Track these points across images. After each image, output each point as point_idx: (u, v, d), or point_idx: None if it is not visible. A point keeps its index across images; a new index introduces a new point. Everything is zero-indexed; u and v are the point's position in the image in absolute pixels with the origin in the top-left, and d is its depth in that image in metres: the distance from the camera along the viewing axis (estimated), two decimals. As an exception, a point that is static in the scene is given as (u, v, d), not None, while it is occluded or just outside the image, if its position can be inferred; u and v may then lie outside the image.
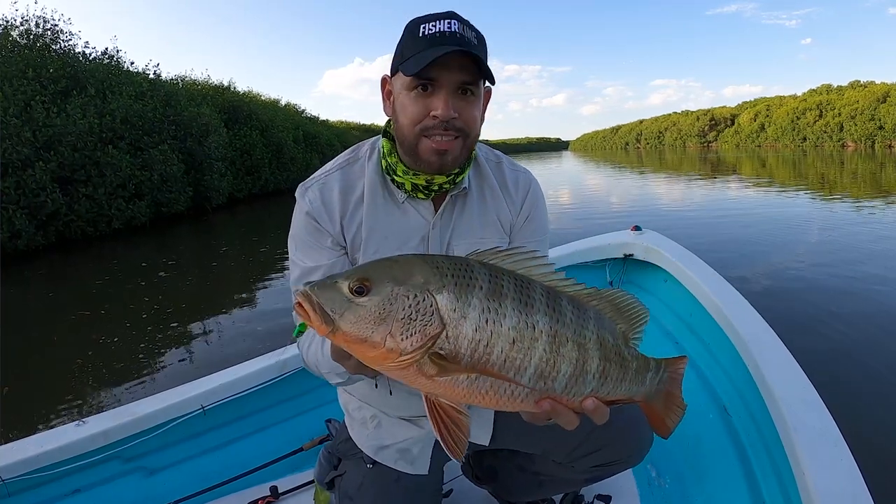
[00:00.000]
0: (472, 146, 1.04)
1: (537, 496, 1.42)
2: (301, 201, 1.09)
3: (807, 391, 1.28)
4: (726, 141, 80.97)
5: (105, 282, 7.53)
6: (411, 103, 0.97)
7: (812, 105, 59.08)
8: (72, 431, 1.53)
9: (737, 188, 15.63)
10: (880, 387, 2.94)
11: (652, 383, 0.84)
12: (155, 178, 12.73)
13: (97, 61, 13.89)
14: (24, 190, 9.47)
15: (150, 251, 10.18)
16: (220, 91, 21.13)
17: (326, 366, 0.98)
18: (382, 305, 0.64)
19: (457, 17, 0.95)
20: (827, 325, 3.86)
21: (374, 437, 1.20)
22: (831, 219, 8.80)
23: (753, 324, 1.62)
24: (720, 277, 2.01)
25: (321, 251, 1.08)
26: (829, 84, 66.22)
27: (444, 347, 0.65)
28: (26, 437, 1.52)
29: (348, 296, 0.65)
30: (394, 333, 0.63)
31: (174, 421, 1.66)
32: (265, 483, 1.73)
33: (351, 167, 1.12)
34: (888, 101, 46.60)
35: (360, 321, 0.64)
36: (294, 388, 1.89)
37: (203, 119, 15.73)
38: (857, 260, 5.74)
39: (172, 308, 5.82)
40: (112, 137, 11.98)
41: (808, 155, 36.81)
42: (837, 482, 1.02)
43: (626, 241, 2.53)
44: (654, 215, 10.47)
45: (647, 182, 20.24)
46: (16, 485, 1.43)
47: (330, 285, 0.66)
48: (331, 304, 0.65)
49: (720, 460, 1.57)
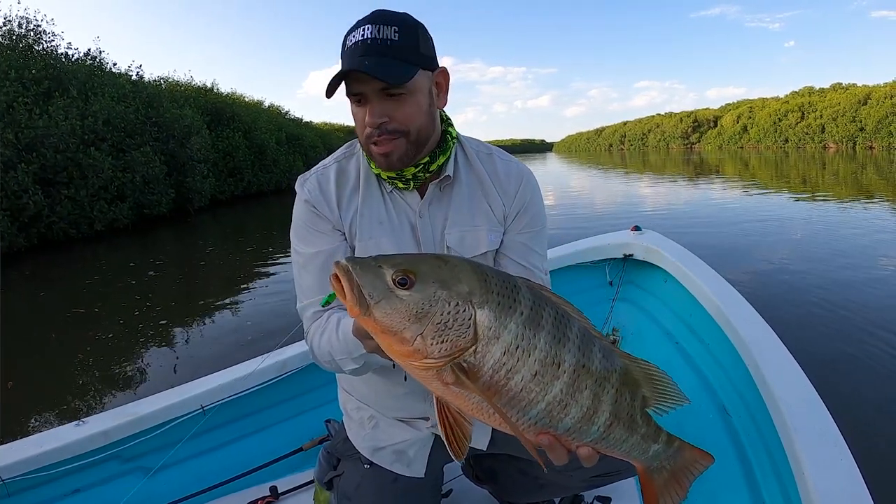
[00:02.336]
0: (421, 139, 1.05)
1: (538, 498, 1.43)
2: (300, 191, 1.12)
3: (807, 391, 1.29)
4: (709, 142, 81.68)
5: (95, 281, 7.53)
6: (355, 113, 1.03)
7: (794, 107, 59.76)
8: (71, 431, 1.52)
9: (721, 189, 15.79)
10: (880, 387, 2.95)
11: (656, 456, 0.82)
12: (137, 180, 12.71)
13: (80, 62, 13.83)
14: (6, 192, 9.41)
15: (134, 252, 10.16)
16: (203, 93, 21.12)
17: (342, 350, 0.97)
18: (422, 304, 0.62)
19: (376, 18, 0.96)
20: (827, 325, 3.87)
21: (371, 438, 1.21)
22: (833, 219, 8.83)
23: (753, 324, 1.62)
24: (720, 277, 2.01)
25: (321, 236, 1.10)
26: (812, 86, 66.65)
27: (468, 361, 0.63)
28: (26, 437, 1.51)
29: (390, 284, 0.62)
30: (425, 335, 0.62)
31: (174, 421, 1.65)
32: (265, 483, 1.72)
33: (347, 160, 1.15)
34: (869, 103, 47.14)
35: (395, 314, 0.61)
36: (294, 388, 1.89)
37: (185, 121, 15.73)
38: (857, 259, 5.78)
39: (162, 306, 5.85)
40: (94, 139, 11.94)
41: (790, 156, 37.21)
42: (837, 482, 1.02)
43: (626, 241, 2.52)
44: (642, 216, 10.50)
45: (630, 183, 20.45)
46: (15, 485, 1.42)
47: (373, 268, 0.64)
48: (370, 288, 0.62)
49: (720, 460, 1.56)
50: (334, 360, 1.01)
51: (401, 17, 0.98)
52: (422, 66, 1.00)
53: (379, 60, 0.94)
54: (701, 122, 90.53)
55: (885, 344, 3.49)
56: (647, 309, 2.40)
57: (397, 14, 0.99)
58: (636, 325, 2.41)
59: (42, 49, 12.76)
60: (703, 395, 1.81)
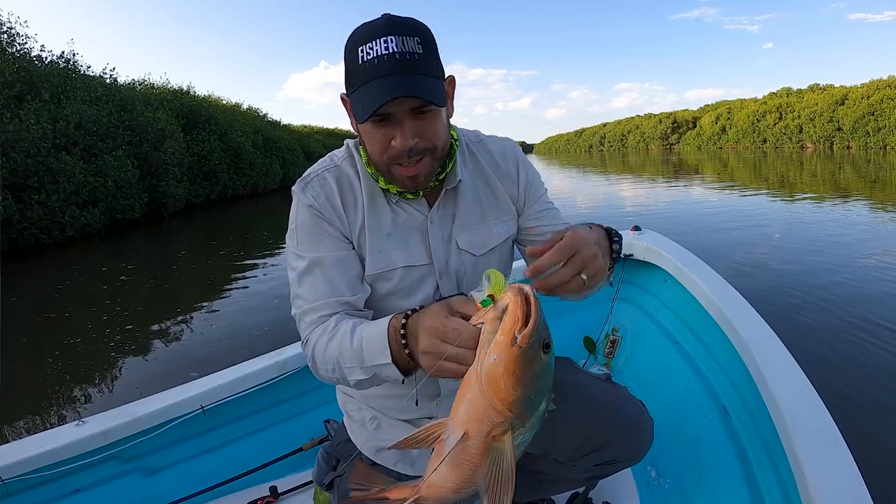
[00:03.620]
0: (444, 154, 1.04)
1: (536, 496, 1.41)
2: (302, 196, 1.06)
3: (807, 391, 1.28)
4: (688, 143, 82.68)
5: (66, 286, 7.46)
6: (373, 133, 0.96)
7: (772, 107, 60.61)
8: (71, 431, 1.52)
9: (702, 188, 15.93)
10: (881, 387, 2.95)
11: None
12: (109, 185, 12.54)
13: (53, 65, 13.60)
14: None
15: (106, 258, 10.05)
16: (179, 95, 20.95)
17: (353, 358, 0.92)
18: (541, 375, 0.69)
19: (395, 28, 0.90)
20: (827, 324, 3.87)
21: (373, 439, 1.20)
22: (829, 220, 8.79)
23: (753, 324, 1.61)
24: (720, 277, 1.99)
25: (329, 240, 1.05)
26: (790, 87, 67.05)
27: (516, 427, 0.72)
28: (26, 437, 1.51)
29: (541, 344, 0.68)
30: (525, 394, 0.68)
31: (174, 421, 1.65)
32: (265, 483, 1.73)
33: (345, 165, 1.11)
34: (846, 103, 47.65)
35: (529, 367, 0.67)
36: (294, 388, 1.88)
37: (159, 124, 15.59)
38: (857, 261, 5.77)
39: (130, 311, 5.84)
40: (66, 143, 11.80)
41: (768, 156, 37.41)
42: (837, 482, 1.02)
43: (626, 241, 2.47)
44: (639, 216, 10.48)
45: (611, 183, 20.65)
46: (15, 485, 1.41)
47: (544, 325, 0.68)
48: (539, 334, 0.66)
49: (720, 461, 1.56)
50: (340, 368, 0.94)
51: (415, 25, 0.93)
52: (442, 78, 0.98)
53: (416, 80, 0.90)
54: (680, 123, 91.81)
55: (886, 344, 3.49)
56: (646, 309, 2.40)
57: (410, 21, 0.93)
58: (636, 325, 2.40)
59: (15, 51, 12.57)
60: (703, 395, 1.80)
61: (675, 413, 1.83)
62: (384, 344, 0.87)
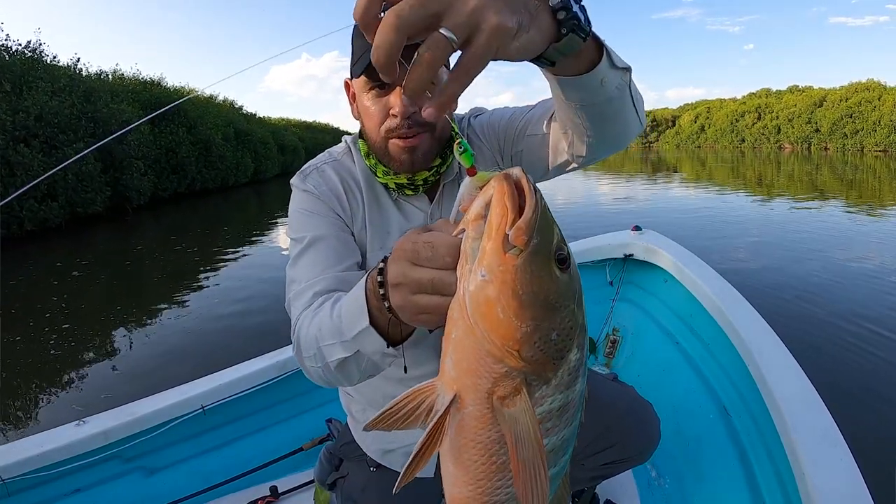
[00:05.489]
0: (443, 137, 1.00)
1: None
2: (302, 184, 1.04)
3: (807, 391, 1.28)
4: (667, 141, 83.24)
5: (18, 282, 7.28)
6: (371, 104, 0.94)
7: (751, 108, 61.18)
8: (72, 431, 1.52)
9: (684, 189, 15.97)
10: (881, 387, 2.95)
11: None
12: (69, 178, 12.14)
13: (17, 55, 13.30)
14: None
15: (64, 253, 9.78)
16: (148, 86, 20.48)
17: (332, 333, 0.74)
18: (558, 298, 0.46)
19: None
20: (827, 325, 3.88)
21: (379, 441, 1.18)
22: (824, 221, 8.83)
23: (753, 324, 1.62)
24: (720, 277, 2.00)
25: (330, 220, 1.00)
26: (769, 88, 67.81)
27: (536, 385, 0.48)
28: (26, 437, 1.51)
29: (552, 251, 0.46)
30: (537, 329, 0.45)
31: (174, 421, 1.65)
32: (265, 483, 1.73)
33: (344, 159, 1.09)
34: (825, 105, 48.03)
35: (536, 283, 0.44)
36: (294, 387, 1.88)
37: (123, 116, 15.18)
38: (856, 260, 5.80)
39: (72, 309, 5.78)
40: (25, 136, 11.53)
41: (745, 156, 37.61)
42: (837, 483, 1.02)
43: (627, 241, 2.50)
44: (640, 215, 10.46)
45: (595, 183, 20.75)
46: (16, 485, 1.41)
47: (550, 222, 0.47)
48: (535, 235, 0.44)
49: (720, 461, 1.57)
50: (319, 350, 0.77)
51: None
52: None
53: None
54: (659, 121, 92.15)
55: (886, 344, 3.50)
56: (647, 309, 2.41)
57: None
58: (636, 325, 2.40)
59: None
60: (703, 395, 1.81)
61: (675, 413, 1.83)
62: (362, 304, 0.66)
